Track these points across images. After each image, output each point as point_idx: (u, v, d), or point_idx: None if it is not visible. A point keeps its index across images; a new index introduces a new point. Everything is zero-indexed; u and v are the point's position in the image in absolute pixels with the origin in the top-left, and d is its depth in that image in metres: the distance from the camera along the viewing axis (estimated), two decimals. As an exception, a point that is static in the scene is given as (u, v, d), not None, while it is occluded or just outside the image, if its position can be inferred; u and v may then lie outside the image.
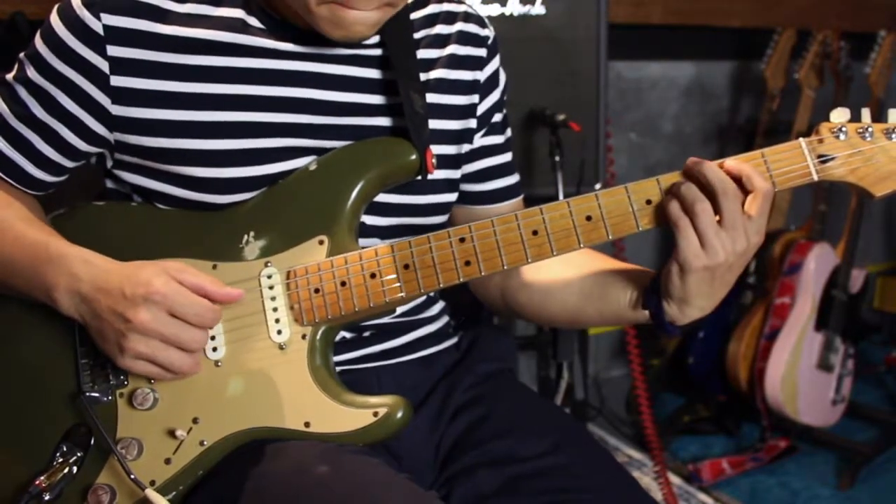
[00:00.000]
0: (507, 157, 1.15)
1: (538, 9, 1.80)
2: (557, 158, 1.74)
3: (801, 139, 0.92)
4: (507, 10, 1.79)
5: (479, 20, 1.09)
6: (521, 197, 1.18)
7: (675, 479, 2.17)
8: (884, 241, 3.34)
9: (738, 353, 2.34)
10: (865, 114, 0.93)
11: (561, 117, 1.73)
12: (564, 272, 1.06)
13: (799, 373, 2.27)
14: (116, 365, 0.88)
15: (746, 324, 2.36)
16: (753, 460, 2.24)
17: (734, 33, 2.73)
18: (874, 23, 2.73)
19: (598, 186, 1.92)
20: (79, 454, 0.91)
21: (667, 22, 2.53)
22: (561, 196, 1.71)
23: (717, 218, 0.87)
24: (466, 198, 1.13)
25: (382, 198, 1.00)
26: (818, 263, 2.31)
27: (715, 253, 0.87)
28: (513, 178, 1.16)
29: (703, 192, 0.88)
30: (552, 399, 1.91)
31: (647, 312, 0.97)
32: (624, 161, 2.64)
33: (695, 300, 0.91)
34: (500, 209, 1.14)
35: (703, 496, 2.13)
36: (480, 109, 1.08)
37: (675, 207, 0.88)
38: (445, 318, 1.15)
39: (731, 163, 0.89)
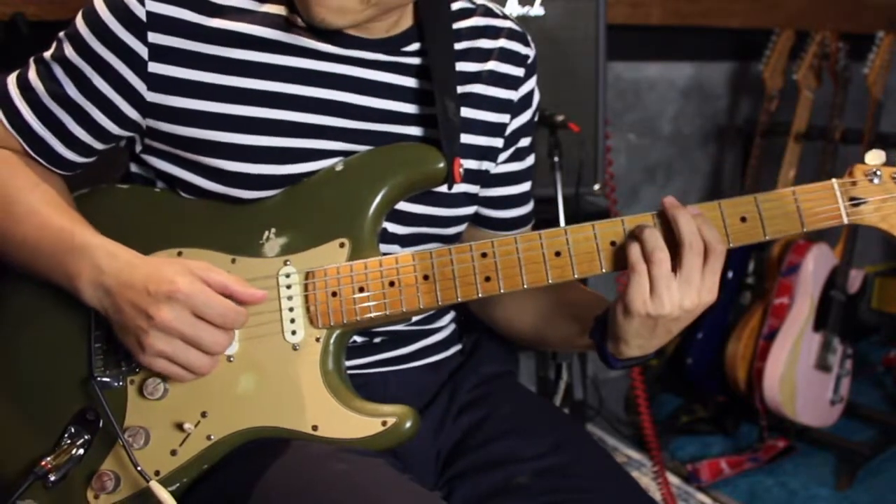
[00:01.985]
0: (525, 186, 1.14)
1: (537, 10, 1.80)
2: (556, 159, 1.74)
3: (833, 180, 0.91)
4: (507, 11, 1.79)
5: (522, 38, 1.08)
6: (531, 224, 1.17)
7: (673, 480, 2.18)
8: (882, 241, 3.34)
9: (737, 353, 2.35)
10: None
11: (560, 118, 1.73)
12: (532, 294, 1.07)
13: (797, 373, 2.28)
14: (136, 361, 0.88)
15: (745, 324, 2.37)
16: (752, 460, 2.24)
17: (733, 34, 2.73)
18: (872, 24, 2.73)
19: (596, 187, 1.93)
20: (86, 437, 0.91)
21: (665, 22, 2.53)
22: (560, 197, 1.71)
23: (675, 269, 0.86)
24: (477, 220, 1.12)
25: (404, 207, 0.99)
26: (816, 264, 2.32)
27: (661, 304, 0.86)
28: (527, 208, 1.16)
29: (668, 238, 0.87)
30: (551, 399, 1.91)
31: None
32: (623, 161, 2.64)
33: (633, 341, 0.90)
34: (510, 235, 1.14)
35: (701, 496, 2.13)
36: (509, 129, 1.08)
37: (635, 249, 0.87)
38: (454, 326, 1.15)
39: (694, 211, 0.88)
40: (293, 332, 0.92)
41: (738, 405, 2.41)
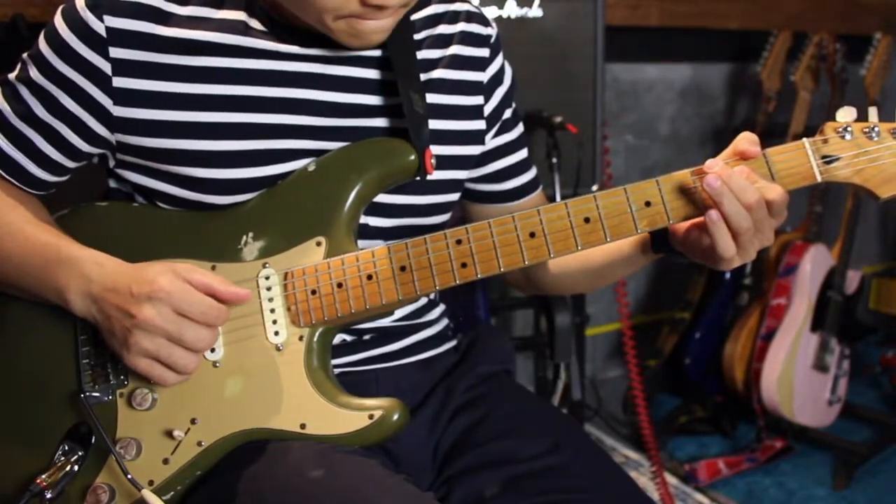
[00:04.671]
0: (522, 154, 1.15)
1: (535, 11, 1.81)
2: (555, 160, 1.75)
3: (804, 139, 0.89)
4: (505, 13, 1.80)
5: (481, 19, 1.09)
6: (540, 189, 1.19)
7: (671, 480, 2.18)
8: (879, 242, 3.35)
9: (735, 353, 2.35)
10: (872, 113, 0.90)
11: (558, 119, 1.74)
12: (576, 257, 1.08)
13: (795, 373, 2.28)
14: (124, 363, 0.89)
15: (743, 324, 2.37)
16: (749, 460, 2.25)
17: (730, 35, 2.74)
18: (869, 25, 2.74)
19: (594, 188, 1.93)
20: (80, 453, 0.91)
21: (663, 24, 2.54)
22: (558, 198, 1.72)
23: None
24: (486, 197, 1.14)
25: (385, 199, 1.00)
26: (814, 265, 2.32)
27: (746, 253, 0.89)
28: (530, 174, 1.16)
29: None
30: (549, 400, 1.92)
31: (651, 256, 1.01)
32: (621, 163, 2.65)
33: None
34: (522, 205, 1.15)
35: (699, 496, 2.14)
36: (487, 109, 1.08)
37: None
38: (445, 321, 1.16)
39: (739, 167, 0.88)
40: (276, 333, 0.93)
41: (736, 405, 2.42)
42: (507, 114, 1.12)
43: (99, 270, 0.89)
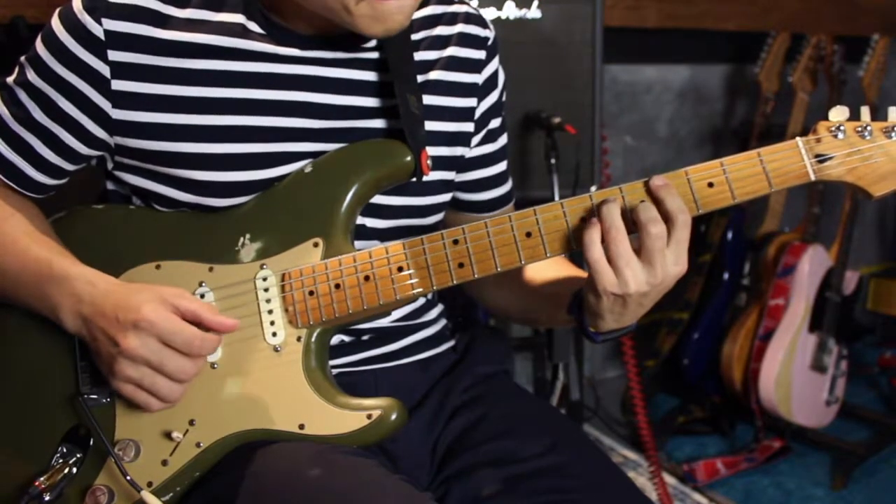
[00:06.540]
0: (501, 166, 1.15)
1: (534, 12, 1.81)
2: (553, 161, 1.75)
3: (797, 138, 0.90)
4: (504, 14, 1.80)
5: (479, 21, 1.09)
6: (512, 203, 1.19)
7: (669, 480, 2.19)
8: (877, 243, 3.36)
9: (733, 354, 2.36)
10: (865, 112, 0.92)
11: (556, 120, 1.74)
12: (514, 277, 1.08)
13: (793, 374, 2.29)
14: (111, 385, 0.89)
15: (741, 325, 2.37)
16: (748, 461, 2.25)
17: (729, 37, 2.74)
18: (867, 26, 2.75)
19: (593, 189, 1.93)
20: (78, 455, 0.92)
21: (662, 25, 2.54)
22: (557, 198, 1.72)
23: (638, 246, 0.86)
24: (458, 205, 1.14)
25: (381, 200, 1.00)
26: (812, 265, 2.32)
27: (625, 283, 0.85)
28: (505, 188, 1.17)
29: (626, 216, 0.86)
30: (548, 400, 1.92)
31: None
32: (619, 164, 2.65)
33: (608, 316, 0.90)
34: (492, 216, 1.14)
35: (697, 496, 2.14)
36: (478, 112, 1.09)
37: (592, 229, 0.87)
38: (443, 322, 1.16)
39: (658, 182, 0.87)
40: (274, 334, 0.93)
41: (734, 406, 2.42)
42: (495, 123, 1.12)
43: (90, 290, 0.89)
